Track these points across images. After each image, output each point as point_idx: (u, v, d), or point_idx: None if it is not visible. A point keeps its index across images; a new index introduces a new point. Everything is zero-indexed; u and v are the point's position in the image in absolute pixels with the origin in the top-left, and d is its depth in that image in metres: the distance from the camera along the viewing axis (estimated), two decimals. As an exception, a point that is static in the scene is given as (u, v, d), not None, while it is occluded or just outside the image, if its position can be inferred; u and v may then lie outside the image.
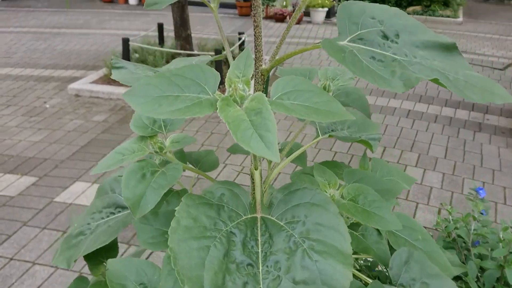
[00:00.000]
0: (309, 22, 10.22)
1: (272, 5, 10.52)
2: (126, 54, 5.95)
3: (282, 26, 9.71)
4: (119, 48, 6.26)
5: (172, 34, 6.44)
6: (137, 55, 6.29)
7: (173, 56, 6.05)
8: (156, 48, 5.93)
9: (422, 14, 11.23)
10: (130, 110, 4.98)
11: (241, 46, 6.58)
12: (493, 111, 5.23)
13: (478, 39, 9.18)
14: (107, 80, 5.81)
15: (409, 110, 5.20)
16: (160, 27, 6.81)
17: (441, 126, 4.81)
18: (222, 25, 0.81)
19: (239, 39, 6.49)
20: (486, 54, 7.88)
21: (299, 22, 9.99)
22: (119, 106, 5.19)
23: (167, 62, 6.02)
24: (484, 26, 10.65)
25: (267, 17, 10.32)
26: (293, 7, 10.10)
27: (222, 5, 12.00)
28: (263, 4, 10.58)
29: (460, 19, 11.06)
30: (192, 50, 6.22)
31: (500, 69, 6.96)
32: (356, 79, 2.56)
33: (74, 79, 6.06)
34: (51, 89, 5.73)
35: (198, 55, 1.33)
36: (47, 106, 5.17)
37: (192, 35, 6.42)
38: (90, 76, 6.00)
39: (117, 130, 4.57)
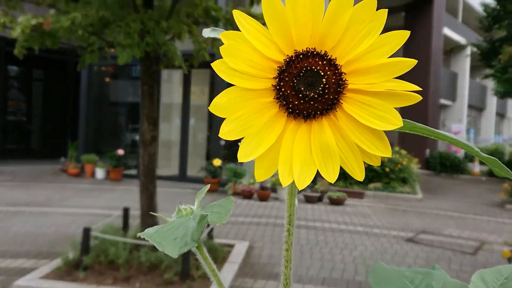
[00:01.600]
0: (276, 198, 10.36)
1: (240, 182, 10.75)
2: (86, 243, 5.55)
3: (250, 203, 9.75)
4: (80, 230, 5.88)
5: (138, 212, 6.19)
6: (97, 242, 5.89)
7: (137, 246, 5.69)
8: (118, 238, 5.59)
9: (383, 191, 11.71)
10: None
11: (210, 233, 6.36)
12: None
13: (441, 217, 9.43)
14: (59, 274, 5.26)
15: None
16: (126, 211, 6.58)
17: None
18: (190, 203, 0.61)
19: (208, 224, 6.28)
20: (453, 235, 7.95)
21: (266, 199, 10.10)
22: (69, 311, 4.56)
23: (130, 253, 5.63)
24: (444, 203, 11.11)
25: (235, 194, 10.42)
26: (260, 186, 10.33)
27: (191, 180, 12.21)
28: (230, 181, 10.81)
29: (420, 195, 11.57)
30: (158, 238, 5.90)
31: (471, 254, 6.92)
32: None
33: (23, 271, 5.46)
34: (-6, 287, 5.07)
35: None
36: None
37: (159, 214, 6.18)
38: (41, 269, 5.44)
39: None
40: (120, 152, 12.43)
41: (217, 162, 11.31)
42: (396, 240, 7.33)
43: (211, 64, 0.47)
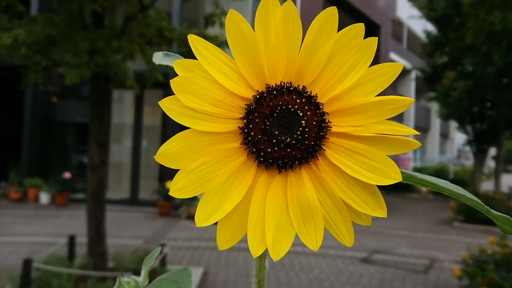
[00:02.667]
0: (232, 221, 10.20)
1: (194, 205, 10.49)
2: (26, 276, 5.12)
3: (205, 226, 9.50)
4: (21, 261, 5.42)
5: (86, 240, 5.81)
6: (39, 274, 5.46)
7: (84, 277, 5.32)
8: (63, 269, 5.20)
9: (337, 211, 11.85)
10: None
11: (163, 260, 6.08)
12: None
13: (393, 236, 9.62)
14: (-5, 312, 4.79)
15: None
16: (72, 239, 6.18)
17: None
18: (142, 228, 0.46)
19: (160, 251, 6.02)
20: (405, 254, 8.10)
21: (221, 222, 9.90)
22: None
23: (76, 284, 5.25)
24: (395, 222, 11.38)
25: (188, 217, 10.15)
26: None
27: (143, 203, 11.80)
28: (184, 204, 10.54)
29: (372, 215, 11.81)
30: (106, 268, 5.57)
31: (423, 272, 7.06)
32: None
33: (-48, 311, 4.94)
34: None
35: (114, 277, 0.91)
36: None
37: (108, 241, 5.84)
38: (-26, 307, 4.94)
39: None
40: (67, 175, 11.81)
41: (169, 184, 11.00)
42: (351, 260, 7.35)
43: (158, 102, 0.36)
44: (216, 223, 0.39)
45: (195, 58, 0.37)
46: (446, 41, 14.45)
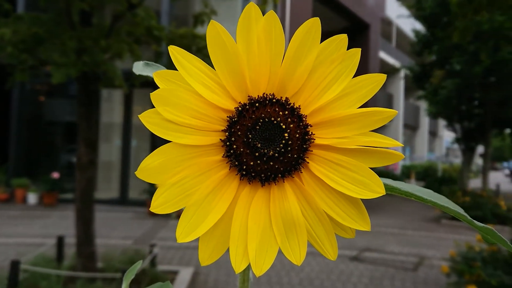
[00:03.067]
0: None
1: (184, 204, 10.47)
2: (14, 277, 5.05)
3: (195, 226, 9.48)
4: (8, 262, 5.35)
5: (74, 240, 5.75)
6: (27, 275, 5.39)
7: (73, 279, 5.27)
8: (51, 270, 5.15)
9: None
10: None
11: (153, 260, 6.05)
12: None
13: (382, 234, 9.69)
14: (-18, 315, 4.73)
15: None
16: (60, 240, 6.11)
17: None
18: (131, 228, 0.46)
19: (150, 251, 5.99)
20: (394, 252, 8.17)
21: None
22: None
23: (65, 286, 5.21)
24: (385, 220, 11.46)
25: (178, 217, 10.11)
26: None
27: (132, 203, 11.72)
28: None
29: (362, 213, 11.89)
30: (95, 269, 5.52)
31: (412, 270, 7.12)
32: None
33: None
34: None
35: (103, 278, 0.89)
36: None
37: (97, 241, 5.79)
38: (-40, 310, 4.87)
39: None
40: (55, 175, 11.69)
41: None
42: (341, 259, 7.39)
43: (138, 116, 0.35)
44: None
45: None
46: (434, 40, 14.56)
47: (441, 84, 14.98)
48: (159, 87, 0.36)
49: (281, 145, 0.37)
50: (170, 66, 0.37)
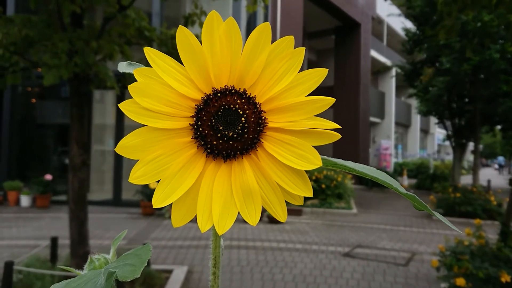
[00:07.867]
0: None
1: (178, 204, 10.51)
2: (8, 279, 5.08)
3: (188, 225, 9.53)
4: (1, 264, 5.38)
5: (68, 241, 5.80)
6: (21, 276, 5.43)
7: (67, 279, 5.30)
8: (45, 271, 5.19)
9: (320, 207, 12.00)
10: None
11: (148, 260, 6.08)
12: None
13: (375, 231, 9.80)
14: (-23, 316, 4.76)
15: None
16: (54, 241, 6.15)
17: None
18: (125, 228, 0.57)
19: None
20: (386, 248, 8.28)
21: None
22: None
23: (59, 286, 5.23)
24: (377, 216, 11.59)
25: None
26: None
27: (126, 204, 11.75)
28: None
29: (354, 210, 11.99)
30: (90, 268, 5.55)
31: (404, 265, 7.23)
32: None
33: None
34: None
35: None
36: None
37: (91, 242, 5.84)
38: (-45, 311, 4.89)
39: None
40: (48, 177, 11.68)
41: (153, 184, 10.97)
42: (334, 255, 7.49)
43: (118, 105, 0.43)
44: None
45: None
46: (424, 38, 14.73)
47: (431, 82, 15.15)
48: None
49: (239, 127, 0.45)
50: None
